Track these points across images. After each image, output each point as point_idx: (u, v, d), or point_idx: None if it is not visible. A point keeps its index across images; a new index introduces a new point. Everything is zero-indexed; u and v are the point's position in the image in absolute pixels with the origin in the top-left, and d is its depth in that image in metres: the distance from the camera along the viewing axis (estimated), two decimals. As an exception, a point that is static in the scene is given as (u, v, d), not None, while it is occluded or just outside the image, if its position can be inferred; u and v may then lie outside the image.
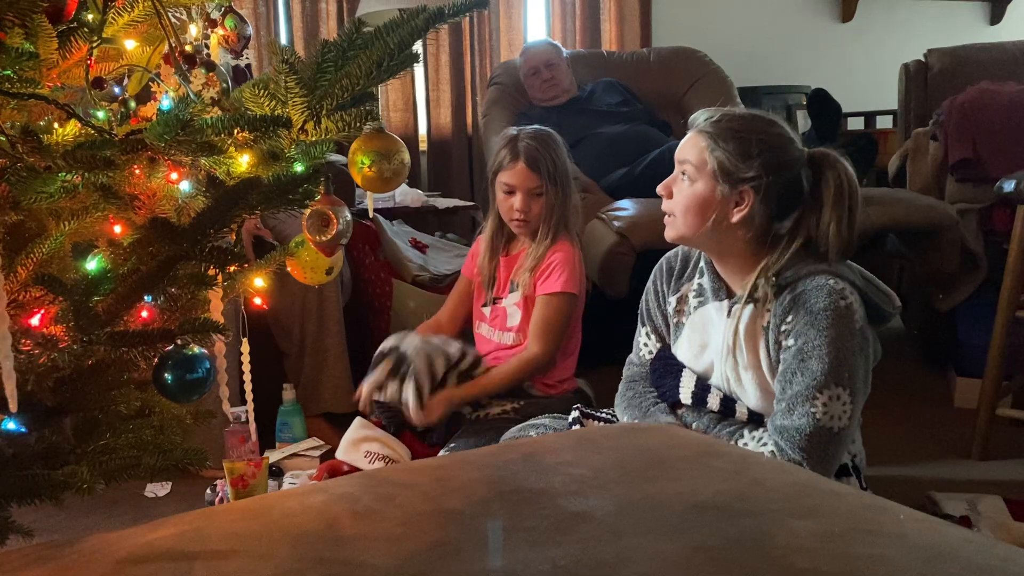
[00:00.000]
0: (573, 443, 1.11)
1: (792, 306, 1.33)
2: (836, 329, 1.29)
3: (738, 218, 1.37)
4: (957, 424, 2.33)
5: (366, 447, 1.86)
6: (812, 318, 1.30)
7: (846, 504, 0.85)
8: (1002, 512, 1.77)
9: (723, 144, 1.35)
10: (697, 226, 1.39)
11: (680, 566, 0.72)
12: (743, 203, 1.36)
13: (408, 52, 0.95)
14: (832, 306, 1.30)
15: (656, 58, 3.44)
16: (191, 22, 1.09)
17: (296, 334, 2.35)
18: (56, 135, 0.91)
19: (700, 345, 1.47)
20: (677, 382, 1.49)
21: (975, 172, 2.62)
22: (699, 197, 1.38)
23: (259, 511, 0.91)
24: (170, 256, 0.91)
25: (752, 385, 1.39)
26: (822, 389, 1.29)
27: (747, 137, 1.35)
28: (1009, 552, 0.74)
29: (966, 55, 3.14)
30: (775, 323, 1.35)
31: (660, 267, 1.59)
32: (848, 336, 1.30)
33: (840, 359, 1.29)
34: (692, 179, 1.39)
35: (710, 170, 1.37)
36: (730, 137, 1.35)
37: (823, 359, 1.29)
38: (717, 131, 1.36)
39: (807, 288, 1.33)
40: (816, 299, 1.31)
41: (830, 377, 1.29)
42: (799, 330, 1.31)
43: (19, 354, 0.90)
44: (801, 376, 1.30)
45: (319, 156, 1.00)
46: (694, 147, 1.39)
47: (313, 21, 3.55)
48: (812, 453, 1.29)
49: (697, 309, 1.48)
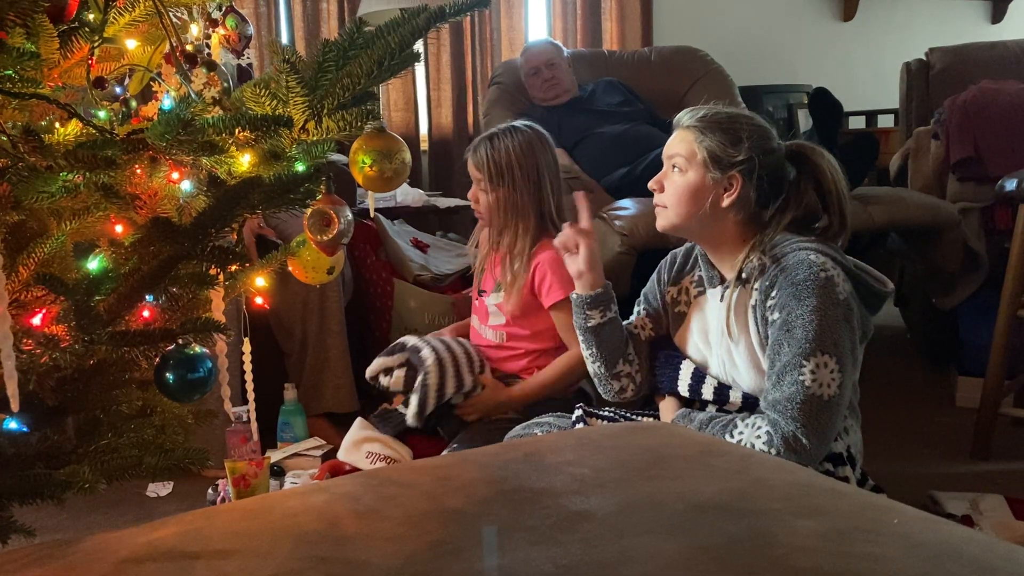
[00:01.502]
0: (574, 442, 1.11)
1: (775, 280, 1.38)
2: (818, 298, 1.32)
3: (728, 202, 1.43)
4: (959, 423, 2.33)
5: (367, 448, 1.87)
6: (794, 289, 1.34)
7: (848, 503, 0.85)
8: (1004, 511, 1.77)
9: (711, 134, 1.43)
10: (690, 213, 1.45)
11: (681, 565, 0.72)
12: (732, 188, 1.43)
13: (409, 51, 0.95)
14: (812, 276, 1.34)
15: (657, 57, 3.44)
16: (192, 22, 1.09)
17: (298, 334, 2.35)
18: (57, 135, 0.91)
19: (703, 332, 1.52)
20: (676, 374, 1.56)
21: (976, 171, 2.62)
22: (691, 185, 1.44)
23: (260, 511, 0.91)
24: (171, 256, 0.91)
25: (746, 366, 1.43)
26: (808, 357, 1.31)
27: (733, 126, 1.43)
28: (1011, 551, 0.73)
29: (967, 54, 3.14)
30: (760, 299, 1.40)
31: (667, 259, 1.66)
32: (831, 305, 1.33)
33: (824, 327, 1.32)
34: (683, 169, 1.45)
35: (700, 159, 1.43)
36: (717, 128, 1.43)
37: (807, 327, 1.32)
38: (704, 124, 1.44)
39: (788, 263, 1.38)
40: (797, 271, 1.35)
41: (815, 344, 1.31)
42: (782, 302, 1.35)
43: (21, 354, 0.90)
44: (787, 347, 1.33)
45: (320, 155, 1.00)
46: (683, 141, 1.45)
47: (314, 21, 3.54)
48: (806, 422, 1.30)
49: (697, 298, 1.55)
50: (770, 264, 1.40)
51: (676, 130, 1.48)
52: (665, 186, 1.48)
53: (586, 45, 3.86)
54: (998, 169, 2.44)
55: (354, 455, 1.87)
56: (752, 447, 1.32)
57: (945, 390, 2.63)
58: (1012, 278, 2.10)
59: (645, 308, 1.65)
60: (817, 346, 1.31)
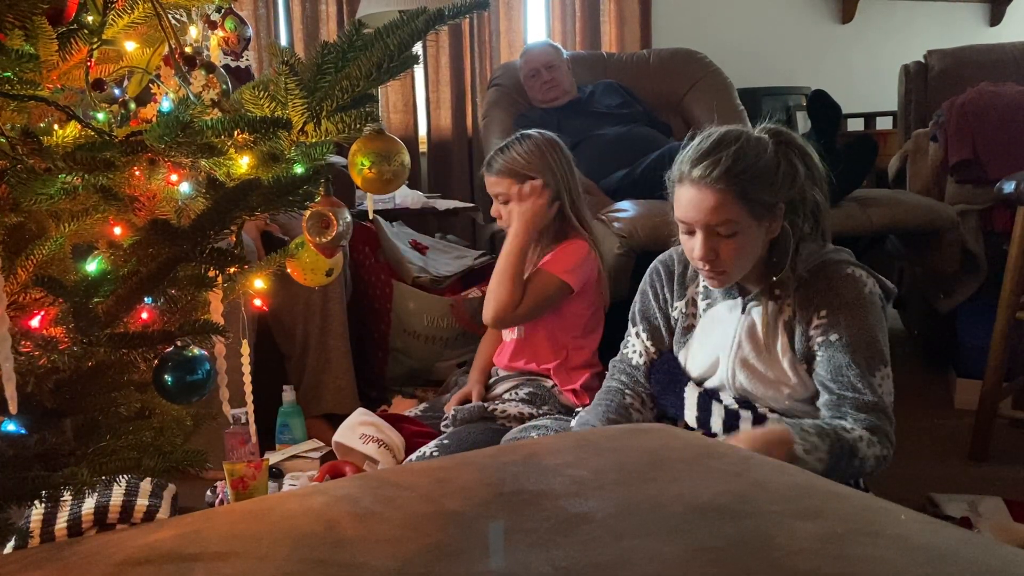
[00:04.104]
0: (573, 444, 1.11)
1: (824, 299, 1.39)
2: (872, 315, 1.38)
3: (777, 231, 1.40)
4: (957, 425, 2.33)
5: (362, 430, 1.88)
6: (851, 310, 1.37)
7: (847, 505, 0.85)
8: (1003, 513, 1.77)
9: (750, 188, 1.33)
10: (752, 263, 1.41)
11: (680, 568, 0.72)
12: (777, 217, 1.39)
13: (408, 54, 0.95)
14: (866, 294, 1.38)
15: (656, 60, 3.44)
16: (191, 24, 1.09)
17: (299, 335, 2.35)
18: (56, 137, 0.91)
19: (713, 345, 1.48)
20: (681, 401, 1.51)
21: (975, 173, 2.63)
22: (750, 244, 1.38)
23: (259, 513, 0.91)
24: (170, 258, 0.91)
25: (767, 379, 1.42)
26: (875, 371, 1.37)
27: (757, 165, 1.34)
28: (1010, 553, 0.73)
29: (966, 56, 3.14)
30: (803, 315, 1.40)
31: (656, 270, 1.59)
32: (880, 318, 1.39)
33: (881, 340, 1.38)
34: (734, 233, 1.35)
35: (748, 214, 1.35)
36: (749, 179, 1.33)
37: (871, 344, 1.36)
38: (736, 179, 1.32)
39: (835, 282, 1.39)
40: (847, 290, 1.38)
41: (878, 360, 1.37)
42: (845, 323, 1.37)
43: (19, 356, 0.90)
44: (856, 366, 1.36)
45: (319, 158, 1.00)
46: (721, 206, 1.33)
47: (313, 23, 3.55)
48: (889, 427, 1.37)
49: (707, 311, 1.50)
50: (810, 279, 1.40)
51: (697, 191, 1.34)
52: (720, 252, 1.36)
53: (585, 47, 3.87)
54: (996, 171, 2.44)
55: (348, 436, 1.89)
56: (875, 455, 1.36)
57: (943, 392, 2.63)
58: (1010, 280, 2.10)
59: (646, 330, 1.58)
60: (880, 361, 1.37)
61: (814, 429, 1.33)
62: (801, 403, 1.43)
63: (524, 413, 1.89)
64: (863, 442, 1.33)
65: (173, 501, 1.83)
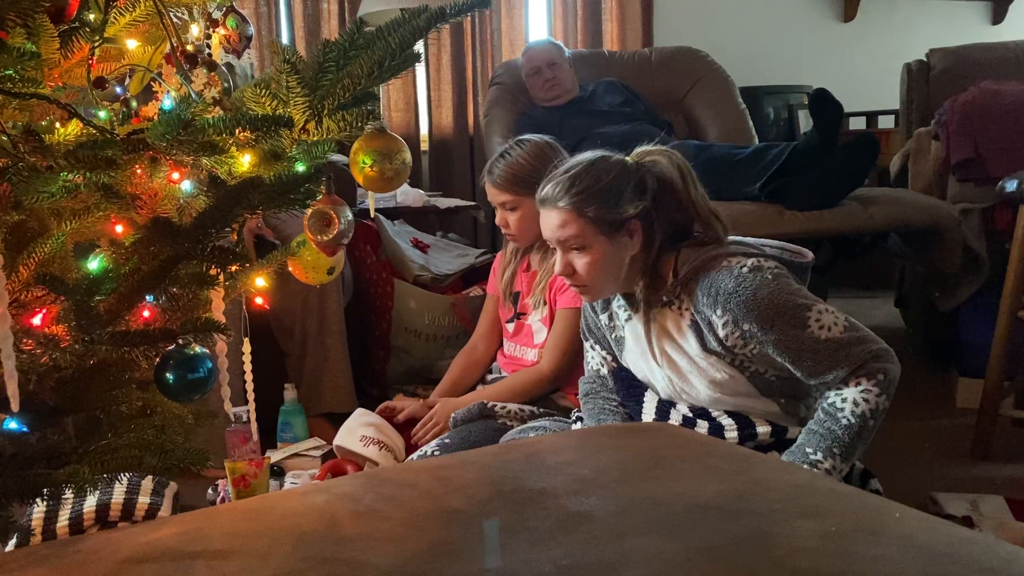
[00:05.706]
0: (574, 443, 1.11)
1: (712, 298, 1.36)
2: (764, 287, 1.33)
3: (638, 247, 1.43)
4: (959, 424, 2.33)
5: (362, 432, 1.88)
6: (739, 299, 1.33)
7: (848, 504, 0.85)
8: (1004, 512, 1.77)
9: (590, 205, 1.40)
10: (615, 279, 1.45)
11: (681, 566, 0.72)
12: (634, 232, 1.42)
13: (409, 52, 0.95)
14: (746, 274, 1.34)
15: (658, 58, 3.44)
16: (192, 22, 1.09)
17: (298, 334, 2.35)
18: (58, 135, 0.91)
19: (644, 353, 1.50)
20: (639, 407, 1.55)
21: (977, 172, 2.62)
22: (602, 258, 1.42)
23: (260, 511, 0.91)
24: (172, 256, 0.91)
25: (700, 380, 1.42)
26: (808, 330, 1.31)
27: (600, 185, 1.40)
28: (1011, 552, 0.73)
29: (968, 55, 3.13)
30: (702, 316, 1.39)
31: None
32: (777, 279, 1.35)
33: (793, 298, 1.33)
34: (582, 247, 1.42)
35: (593, 231, 1.41)
36: (590, 196, 1.40)
37: (786, 313, 1.32)
38: (577, 199, 1.40)
39: (713, 279, 1.37)
40: (726, 281, 1.35)
41: (799, 315, 1.32)
42: (744, 317, 1.33)
43: (21, 354, 0.90)
44: (797, 358, 1.32)
45: (321, 156, 1.00)
46: (566, 224, 1.42)
47: (315, 21, 3.55)
48: (859, 355, 1.30)
49: (628, 322, 1.53)
50: (692, 281, 1.40)
51: (547, 211, 1.44)
52: (575, 268, 1.44)
53: (586, 45, 3.86)
54: (998, 170, 2.44)
55: (348, 438, 1.88)
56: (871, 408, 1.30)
57: (945, 391, 2.63)
58: (1012, 279, 2.09)
59: (597, 342, 1.63)
60: (802, 313, 1.32)
61: (812, 442, 1.32)
62: (748, 399, 1.42)
63: (524, 412, 1.89)
64: (858, 406, 1.31)
65: (174, 499, 1.83)
